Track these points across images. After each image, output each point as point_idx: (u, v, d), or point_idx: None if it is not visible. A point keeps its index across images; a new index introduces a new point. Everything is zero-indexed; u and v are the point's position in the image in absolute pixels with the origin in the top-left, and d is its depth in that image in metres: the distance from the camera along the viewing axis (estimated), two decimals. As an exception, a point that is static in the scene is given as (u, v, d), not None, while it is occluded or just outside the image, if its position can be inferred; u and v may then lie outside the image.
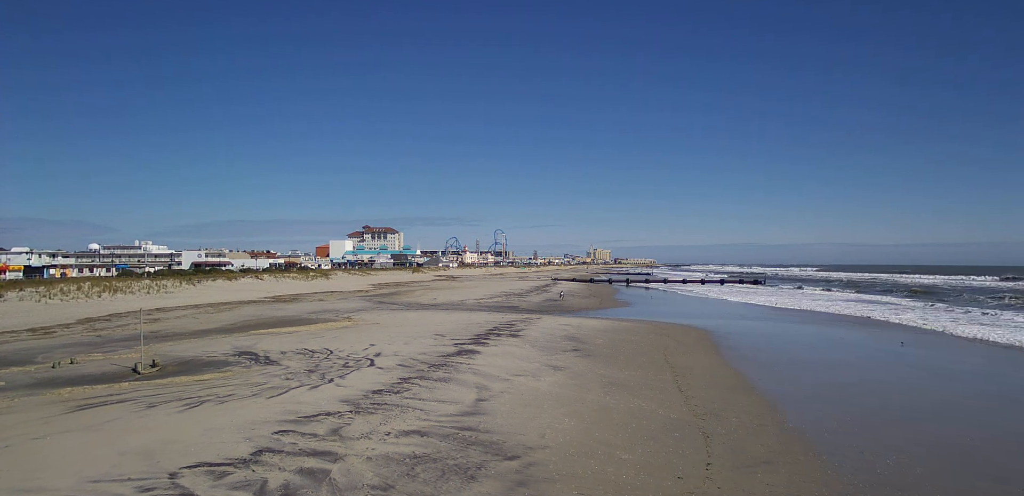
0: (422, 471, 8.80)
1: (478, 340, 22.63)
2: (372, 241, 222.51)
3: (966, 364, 22.24)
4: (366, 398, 12.84)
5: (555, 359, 19.47)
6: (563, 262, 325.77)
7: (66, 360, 18.59)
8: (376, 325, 28.22)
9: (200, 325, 29.92)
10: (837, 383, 17.96)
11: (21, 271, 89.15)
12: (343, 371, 15.99)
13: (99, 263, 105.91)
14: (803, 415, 13.81)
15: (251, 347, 20.78)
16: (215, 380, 15.06)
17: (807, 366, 21.53)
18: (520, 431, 11.17)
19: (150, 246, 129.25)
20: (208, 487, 7.85)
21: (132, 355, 19.04)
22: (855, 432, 12.48)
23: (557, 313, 39.50)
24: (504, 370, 16.89)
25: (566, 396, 14.47)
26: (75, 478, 8.02)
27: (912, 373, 19.90)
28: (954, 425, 13.33)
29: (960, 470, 10.45)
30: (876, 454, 10.99)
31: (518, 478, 8.87)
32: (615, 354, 21.47)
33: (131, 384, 14.82)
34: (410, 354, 19.03)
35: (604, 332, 27.31)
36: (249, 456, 9.01)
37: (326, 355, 18.78)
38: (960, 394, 17.03)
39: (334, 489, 7.99)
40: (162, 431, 10.23)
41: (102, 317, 34.19)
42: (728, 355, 22.58)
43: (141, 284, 51.72)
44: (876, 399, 15.80)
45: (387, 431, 10.48)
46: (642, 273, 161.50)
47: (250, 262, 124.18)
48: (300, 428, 10.47)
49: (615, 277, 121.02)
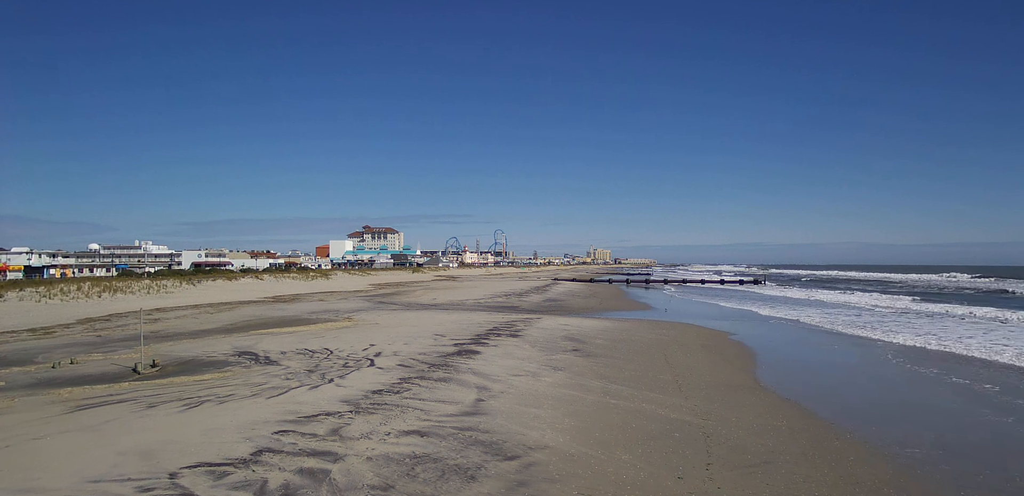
0: (422, 471, 8.80)
1: (478, 340, 22.63)
2: (372, 241, 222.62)
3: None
4: (366, 398, 12.84)
5: (555, 359, 19.47)
6: (563, 262, 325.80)
7: (66, 360, 18.58)
8: (376, 325, 28.22)
9: (200, 325, 29.91)
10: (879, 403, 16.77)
11: (21, 271, 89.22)
12: (343, 371, 15.99)
13: (99, 263, 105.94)
14: (816, 415, 13.81)
15: (251, 347, 20.77)
16: (215, 380, 15.06)
17: (822, 369, 21.53)
18: (520, 431, 11.17)
19: (150, 246, 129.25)
20: (208, 487, 7.84)
21: (132, 355, 19.04)
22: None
23: (557, 313, 39.50)
24: (504, 370, 16.89)
25: (566, 396, 14.47)
26: (75, 478, 8.01)
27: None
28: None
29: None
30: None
31: (518, 478, 8.87)
32: (615, 354, 21.46)
33: (131, 384, 14.81)
34: (410, 354, 19.03)
35: (604, 332, 27.31)
36: (249, 456, 9.01)
37: (326, 355, 18.78)
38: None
39: (334, 489, 7.98)
40: (162, 431, 10.22)
41: (102, 317, 34.19)
42: (731, 355, 22.57)
43: (141, 284, 51.72)
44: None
45: (387, 431, 10.48)
46: (642, 273, 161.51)
47: (250, 262, 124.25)
48: (300, 428, 10.47)
49: (615, 277, 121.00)
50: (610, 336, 26.14)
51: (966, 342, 25.31)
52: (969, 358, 21.73)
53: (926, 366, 20.12)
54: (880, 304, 50.54)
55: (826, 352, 24.41)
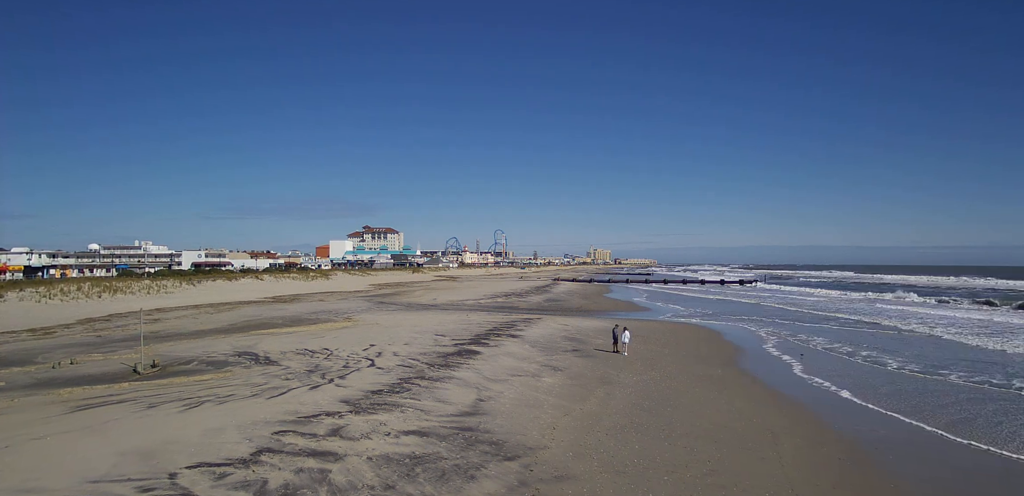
0: (422, 471, 8.80)
1: (478, 340, 22.63)
2: (372, 241, 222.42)
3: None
4: (366, 398, 12.84)
5: (555, 359, 19.47)
6: (563, 262, 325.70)
7: (66, 360, 18.58)
8: (376, 325, 28.21)
9: (200, 325, 29.90)
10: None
11: (21, 271, 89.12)
12: (343, 371, 16.00)
13: (99, 263, 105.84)
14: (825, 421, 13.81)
15: (251, 347, 20.77)
16: (215, 380, 15.05)
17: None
18: (520, 431, 11.18)
19: (150, 246, 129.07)
20: (208, 487, 7.84)
21: (132, 355, 19.04)
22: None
23: (557, 313, 39.50)
24: (504, 370, 16.89)
25: (566, 396, 14.47)
26: (75, 478, 8.01)
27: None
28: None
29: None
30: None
31: (518, 478, 8.87)
32: (615, 354, 21.47)
33: (131, 384, 14.81)
34: (410, 354, 19.03)
35: (603, 332, 27.29)
36: (249, 456, 9.01)
37: (326, 355, 18.77)
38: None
39: (334, 490, 7.99)
40: (162, 431, 10.22)
41: (102, 317, 34.18)
42: (731, 354, 22.56)
43: (141, 284, 51.71)
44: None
45: (387, 431, 10.48)
46: (642, 273, 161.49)
47: (250, 262, 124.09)
48: (300, 428, 10.47)
49: (615, 277, 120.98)
50: (610, 336, 26.11)
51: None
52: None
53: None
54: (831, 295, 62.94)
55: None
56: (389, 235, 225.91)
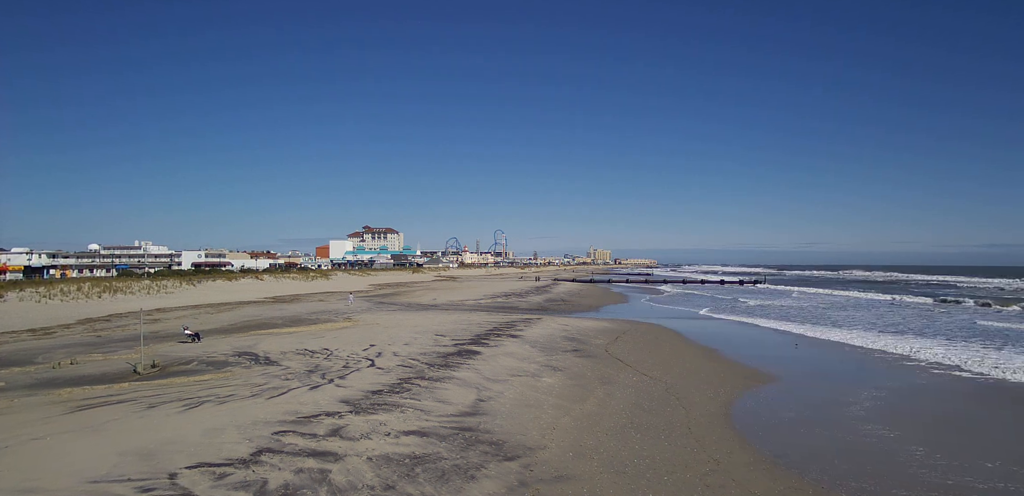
0: (422, 471, 8.80)
1: (478, 340, 22.64)
2: (372, 241, 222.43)
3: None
4: (366, 398, 12.84)
5: (555, 359, 19.48)
6: (563, 263, 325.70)
7: (66, 360, 18.58)
8: (376, 325, 28.22)
9: (200, 325, 29.89)
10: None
11: (21, 271, 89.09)
12: (343, 371, 16.00)
13: (99, 263, 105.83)
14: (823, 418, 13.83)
15: (251, 347, 20.78)
16: (215, 380, 15.06)
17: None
18: (520, 431, 11.18)
19: (150, 246, 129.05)
20: (208, 487, 7.84)
21: (132, 355, 19.04)
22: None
23: (557, 313, 39.52)
24: (504, 370, 16.89)
25: (566, 396, 14.48)
26: (75, 478, 8.01)
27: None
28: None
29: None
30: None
31: (518, 478, 8.88)
32: (615, 354, 21.48)
33: (131, 384, 14.81)
34: (410, 354, 19.04)
35: (603, 332, 27.32)
36: (249, 456, 9.01)
37: (326, 355, 18.78)
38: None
39: (334, 490, 7.99)
40: (162, 431, 10.22)
41: (102, 317, 34.19)
42: (728, 356, 22.57)
43: (141, 284, 51.73)
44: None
45: (387, 431, 10.49)
46: (642, 273, 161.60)
47: (250, 262, 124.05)
48: (300, 428, 10.47)
49: (615, 278, 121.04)
50: (610, 336, 26.15)
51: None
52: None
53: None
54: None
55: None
56: (389, 235, 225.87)
